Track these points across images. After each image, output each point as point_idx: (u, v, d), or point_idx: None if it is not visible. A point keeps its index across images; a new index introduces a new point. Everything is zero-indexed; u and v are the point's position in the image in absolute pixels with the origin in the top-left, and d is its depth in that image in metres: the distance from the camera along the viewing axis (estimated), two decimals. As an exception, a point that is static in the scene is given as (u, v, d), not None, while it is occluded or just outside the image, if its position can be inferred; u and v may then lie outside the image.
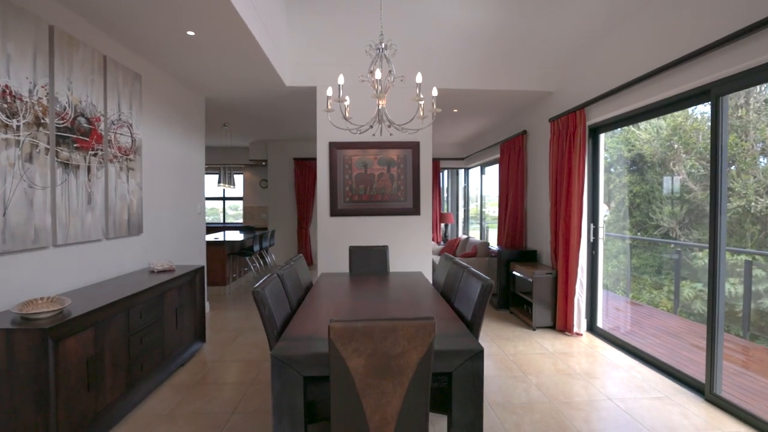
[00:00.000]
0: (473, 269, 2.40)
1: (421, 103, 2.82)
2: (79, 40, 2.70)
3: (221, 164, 9.07)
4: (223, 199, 10.47)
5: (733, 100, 3.80)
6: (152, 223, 3.66)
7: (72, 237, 2.64)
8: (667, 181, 6.15)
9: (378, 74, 2.37)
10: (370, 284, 3.10)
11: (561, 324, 4.18)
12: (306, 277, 3.20)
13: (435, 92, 2.69)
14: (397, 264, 4.60)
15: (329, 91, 2.75)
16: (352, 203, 4.58)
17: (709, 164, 2.72)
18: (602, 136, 4.10)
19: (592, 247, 4.13)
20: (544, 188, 4.89)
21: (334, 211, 4.56)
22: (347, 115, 2.83)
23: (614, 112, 3.60)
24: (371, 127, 2.68)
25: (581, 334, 4.06)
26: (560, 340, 3.92)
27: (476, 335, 2.09)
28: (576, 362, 3.35)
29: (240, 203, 10.33)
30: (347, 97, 2.93)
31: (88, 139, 2.78)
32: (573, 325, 4.04)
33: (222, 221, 10.59)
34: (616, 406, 2.61)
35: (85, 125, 2.76)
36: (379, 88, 2.38)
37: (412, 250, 4.65)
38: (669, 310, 5.64)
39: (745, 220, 5.90)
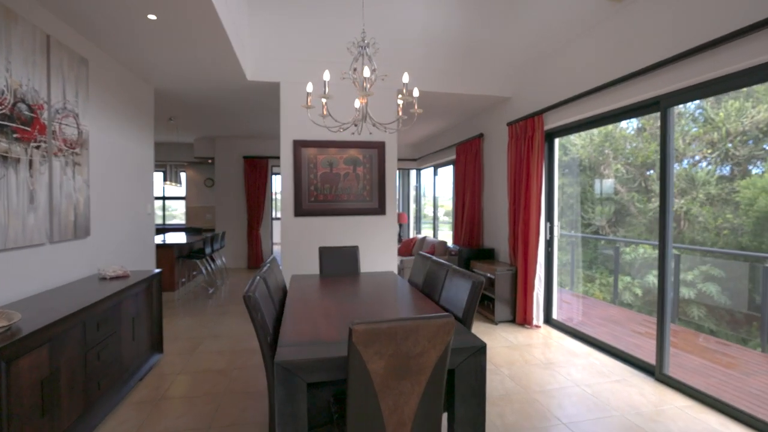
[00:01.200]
0: (458, 268, 2.46)
1: (400, 102, 2.84)
2: (18, 13, 2.37)
3: (165, 161, 8.43)
4: (163, 198, 9.74)
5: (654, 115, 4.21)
6: (100, 225, 3.30)
7: (12, 241, 2.31)
8: (597, 183, 6.74)
9: (367, 72, 2.35)
10: (347, 285, 3.05)
11: (521, 318, 4.42)
12: (281, 279, 3.07)
13: (416, 93, 2.71)
14: (363, 264, 4.57)
15: (309, 87, 2.67)
16: (317, 203, 4.48)
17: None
18: (556, 141, 4.39)
19: (548, 244, 4.40)
20: (502, 189, 5.13)
21: (299, 211, 4.42)
22: (325, 112, 2.76)
23: (570, 118, 3.87)
24: (356, 125, 2.63)
25: (540, 327, 4.32)
26: (522, 333, 4.13)
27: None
28: (540, 353, 3.55)
29: (182, 203, 9.67)
30: (327, 94, 2.87)
31: (29, 129, 2.45)
32: (532, 318, 4.28)
33: (162, 223, 9.85)
34: (583, 391, 2.81)
35: (26, 113, 2.42)
36: (368, 86, 2.35)
37: (379, 251, 4.65)
38: (608, 301, 6.18)
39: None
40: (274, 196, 8.96)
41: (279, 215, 14.36)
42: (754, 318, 4.70)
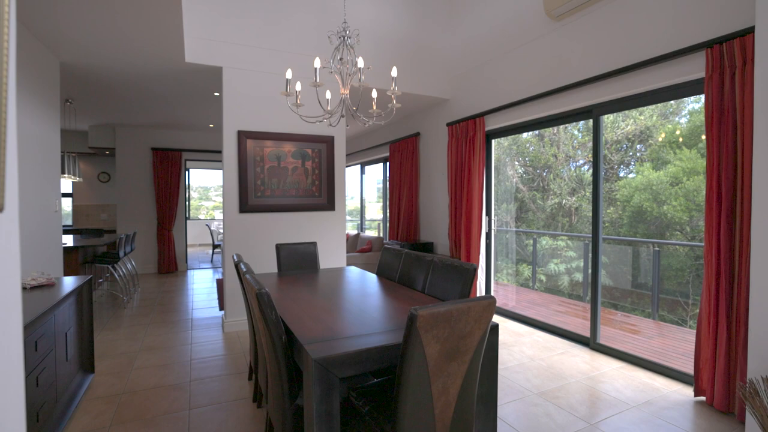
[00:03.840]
0: (444, 258, 2.57)
1: (375, 96, 2.86)
2: None
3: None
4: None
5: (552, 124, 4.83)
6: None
7: None
8: (502, 182, 7.52)
9: (361, 62, 2.32)
10: (320, 282, 2.96)
11: (464, 305, 4.73)
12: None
13: (393, 87, 2.75)
14: (313, 261, 4.45)
15: (289, 74, 2.55)
16: (264, 198, 4.23)
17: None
18: (494, 141, 4.80)
19: (488, 237, 4.80)
20: (440, 185, 5.42)
21: (244, 207, 4.13)
22: (299, 102, 2.66)
23: (510, 121, 4.27)
24: (343, 116, 2.58)
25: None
26: (468, 319, 4.43)
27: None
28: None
29: (68, 201, 8.25)
30: (299, 84, 2.76)
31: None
32: (475, 305, 4.62)
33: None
34: (539, 364, 3.15)
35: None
36: (362, 77, 2.33)
37: (329, 247, 4.57)
38: (527, 287, 6.91)
39: (558, 213, 7.65)
40: (188, 193, 8.14)
41: (194, 215, 13.06)
42: (640, 294, 5.71)
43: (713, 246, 2.32)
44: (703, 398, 2.48)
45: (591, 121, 3.48)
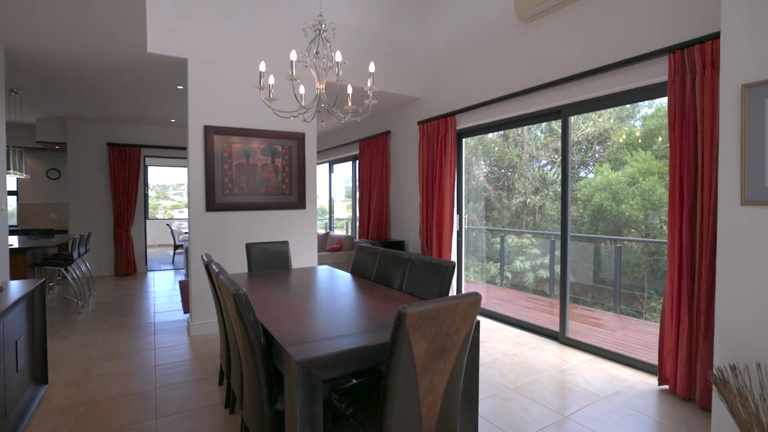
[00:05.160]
0: (421, 256, 2.57)
1: (350, 92, 2.82)
2: None
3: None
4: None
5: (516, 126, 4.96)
6: (-53, 223, 2.44)
7: None
8: (469, 181, 7.68)
9: (339, 56, 2.27)
10: (293, 281, 2.88)
11: (437, 303, 4.76)
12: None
13: (370, 83, 2.71)
14: (284, 261, 4.34)
15: (263, 66, 2.46)
16: (232, 196, 4.08)
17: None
18: (464, 140, 4.86)
19: (458, 235, 4.85)
20: (411, 184, 5.43)
21: (211, 206, 3.96)
22: (272, 96, 2.57)
23: (480, 120, 4.34)
24: (318, 112, 2.51)
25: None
26: (441, 317, 4.47)
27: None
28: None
29: (13, 199, 7.64)
30: (272, 77, 2.67)
31: None
32: (448, 303, 4.66)
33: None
34: (512, 360, 3.21)
35: None
36: (339, 71, 2.28)
37: (300, 246, 4.47)
38: (495, 284, 7.07)
39: (522, 212, 7.90)
40: (147, 191, 7.75)
41: (152, 214, 12.43)
42: (600, 289, 5.97)
43: (676, 242, 2.45)
44: (666, 387, 2.62)
45: (556, 122, 3.59)
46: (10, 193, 7.56)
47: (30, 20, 3.03)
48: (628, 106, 5.84)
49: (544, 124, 6.64)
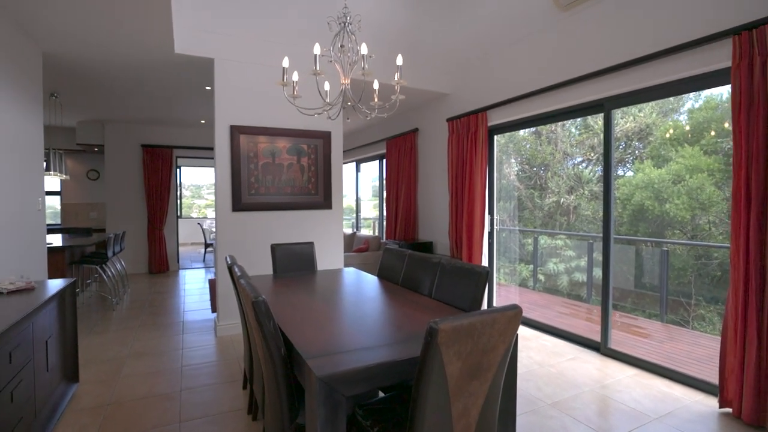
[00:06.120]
0: (452, 260, 2.41)
1: (376, 88, 2.70)
2: None
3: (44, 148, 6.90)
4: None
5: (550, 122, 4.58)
6: (-17, 223, 2.50)
7: None
8: (500, 180, 7.41)
9: (364, 48, 2.15)
10: (318, 284, 2.79)
11: (467, 307, 4.58)
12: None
13: (397, 77, 2.57)
14: (310, 262, 4.28)
15: (286, 62, 2.37)
16: (258, 196, 4.05)
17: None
18: (496, 137, 4.65)
19: (490, 236, 4.65)
20: (440, 183, 5.25)
21: (238, 206, 3.94)
22: (296, 94, 2.48)
23: (513, 116, 4.11)
24: (343, 108, 2.41)
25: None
26: (471, 322, 4.28)
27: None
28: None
29: (56, 199, 7.99)
30: (296, 74, 2.58)
31: None
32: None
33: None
34: (549, 371, 3.00)
35: None
36: (365, 65, 2.16)
37: (326, 247, 4.39)
38: (525, 287, 6.78)
39: (556, 212, 7.53)
40: (180, 191, 7.92)
41: (186, 213, 12.79)
42: (641, 294, 5.59)
43: (741, 248, 2.18)
44: (729, 410, 2.34)
45: (593, 117, 3.33)
46: (55, 193, 7.91)
47: (64, 27, 3.08)
48: (671, 99, 5.45)
49: (579, 120, 6.28)
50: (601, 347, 3.35)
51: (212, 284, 6.10)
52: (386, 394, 1.86)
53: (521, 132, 6.83)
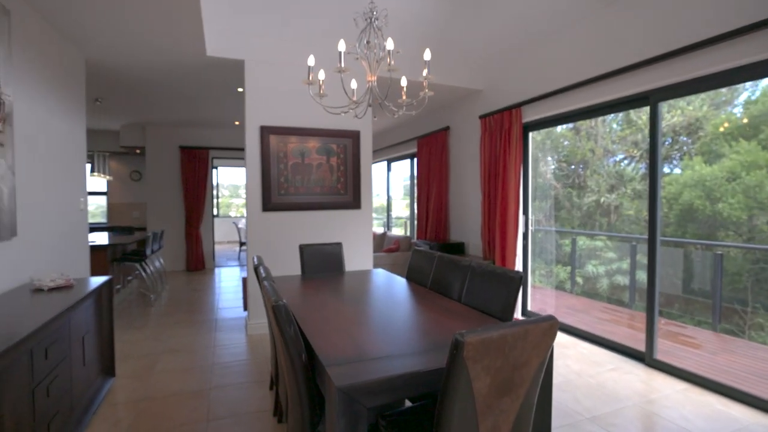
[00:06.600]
0: (484, 263, 2.30)
1: (404, 85, 2.62)
2: None
3: (90, 150, 7.30)
4: (77, 193, 8.41)
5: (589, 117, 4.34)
6: (29, 223, 2.62)
7: None
8: (533, 179, 7.12)
9: (390, 44, 2.08)
10: (346, 286, 2.75)
11: (499, 311, 4.42)
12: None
13: (426, 73, 2.48)
14: (339, 262, 4.26)
15: (311, 60, 2.34)
16: (288, 196, 4.07)
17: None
18: (531, 135, 4.45)
19: (524, 237, 4.46)
20: (472, 182, 5.10)
21: (268, 206, 3.98)
22: (322, 92, 2.44)
23: (550, 112, 3.91)
24: (370, 106, 2.35)
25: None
26: (504, 326, 4.12)
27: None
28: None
29: (102, 199, 8.43)
30: (322, 72, 2.55)
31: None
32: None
33: (76, 221, 8.50)
34: (588, 382, 2.82)
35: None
36: (391, 61, 2.08)
37: (354, 247, 4.36)
38: (562, 290, 6.49)
39: (596, 212, 7.14)
40: (217, 191, 8.16)
41: (225, 212, 13.23)
42: (690, 301, 5.21)
43: (812, 254, 1.94)
44: (796, 434, 2.11)
45: (636, 112, 3.10)
46: (101, 193, 8.35)
47: (103, 34, 3.20)
48: (724, 90, 5.03)
49: (620, 114, 5.93)
50: (645, 357, 3.12)
51: (245, 282, 6.23)
52: (414, 403, 1.79)
53: (558, 128, 6.54)
